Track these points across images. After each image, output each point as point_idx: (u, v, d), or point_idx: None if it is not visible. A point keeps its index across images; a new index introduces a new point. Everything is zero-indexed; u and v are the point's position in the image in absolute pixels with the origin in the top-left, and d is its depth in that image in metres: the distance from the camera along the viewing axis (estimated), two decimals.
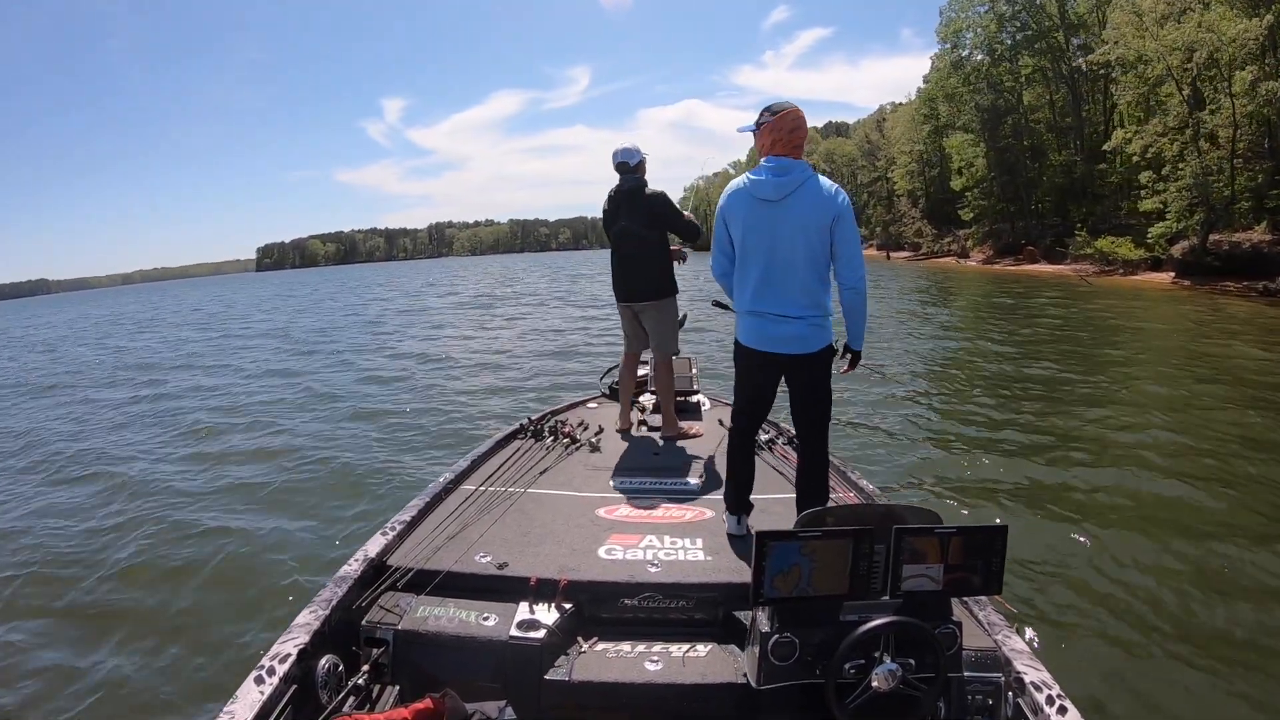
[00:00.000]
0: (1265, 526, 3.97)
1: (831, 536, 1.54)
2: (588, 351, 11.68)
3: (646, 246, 3.51)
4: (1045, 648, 2.81)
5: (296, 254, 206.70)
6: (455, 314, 21.50)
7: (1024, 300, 18.08)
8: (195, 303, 42.16)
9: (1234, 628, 3.01)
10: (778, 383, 2.42)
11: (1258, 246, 19.02)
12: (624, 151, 3.49)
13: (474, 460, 3.11)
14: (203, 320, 26.43)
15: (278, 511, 4.78)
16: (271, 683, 1.55)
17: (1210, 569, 3.50)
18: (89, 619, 3.52)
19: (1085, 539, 3.84)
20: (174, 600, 3.63)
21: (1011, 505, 4.41)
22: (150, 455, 6.70)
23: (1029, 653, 1.72)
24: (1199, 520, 4.07)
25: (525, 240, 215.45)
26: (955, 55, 37.49)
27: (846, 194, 2.28)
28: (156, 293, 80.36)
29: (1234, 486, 4.56)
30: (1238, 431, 5.78)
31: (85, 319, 35.41)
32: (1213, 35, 19.69)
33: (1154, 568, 3.52)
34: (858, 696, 1.53)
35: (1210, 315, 13.98)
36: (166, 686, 2.90)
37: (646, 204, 3.46)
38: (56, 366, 15.31)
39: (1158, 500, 4.38)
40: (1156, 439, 5.63)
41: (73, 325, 30.98)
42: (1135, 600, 3.25)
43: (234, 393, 9.83)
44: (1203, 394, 7.20)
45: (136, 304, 49.15)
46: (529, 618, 1.89)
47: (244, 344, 16.51)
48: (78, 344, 20.87)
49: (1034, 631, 2.92)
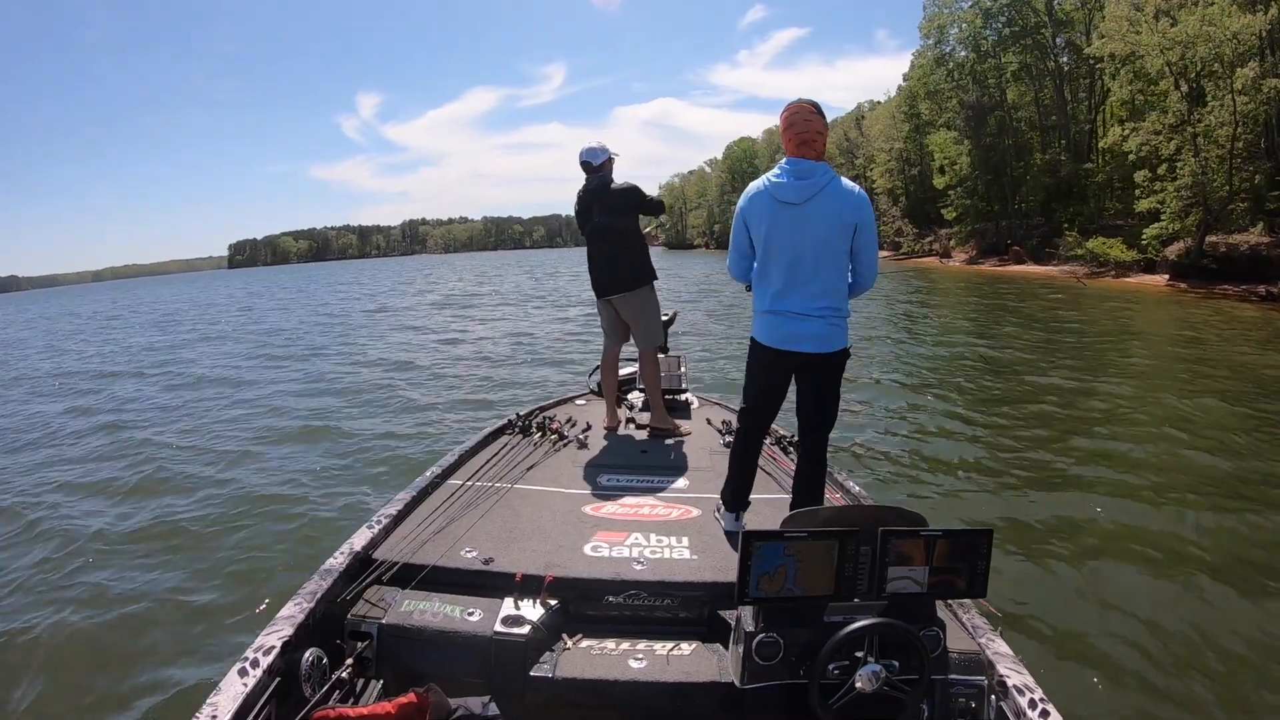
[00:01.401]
0: (1255, 533, 3.99)
1: (817, 537, 1.54)
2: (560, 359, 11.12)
3: (622, 237, 3.53)
4: (1029, 651, 2.79)
5: (268, 251, 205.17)
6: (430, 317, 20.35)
7: (1016, 303, 17.56)
8: (161, 302, 40.39)
9: (1218, 633, 3.03)
10: (788, 383, 2.40)
11: (1255, 249, 18.56)
12: (588, 151, 3.52)
13: (461, 455, 3.09)
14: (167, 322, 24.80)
15: (262, 504, 4.76)
16: (255, 675, 1.53)
17: (1197, 575, 3.53)
18: (70, 614, 3.45)
19: (1071, 544, 3.90)
20: (155, 592, 3.61)
21: (998, 508, 4.45)
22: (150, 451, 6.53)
23: (1012, 656, 1.73)
24: (1187, 527, 4.10)
25: (499, 238, 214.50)
26: (938, 51, 36.78)
27: (868, 196, 2.30)
28: (125, 291, 78.28)
29: (1235, 495, 4.58)
30: (1249, 442, 5.66)
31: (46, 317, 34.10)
32: (1214, 30, 19.02)
33: (1139, 573, 3.58)
34: (841, 697, 1.53)
35: (1219, 320, 13.59)
36: (147, 678, 2.88)
37: (617, 196, 3.51)
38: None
39: (1148, 508, 4.41)
40: (1154, 448, 5.58)
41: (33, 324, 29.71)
42: (1119, 605, 3.28)
43: (211, 398, 9.36)
44: (1212, 403, 6.95)
45: (100, 303, 46.98)
46: (514, 613, 1.87)
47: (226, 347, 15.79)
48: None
49: (1018, 635, 2.93)
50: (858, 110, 59.66)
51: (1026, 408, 7.02)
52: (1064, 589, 3.43)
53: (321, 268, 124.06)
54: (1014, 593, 3.31)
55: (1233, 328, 12.44)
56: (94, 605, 3.51)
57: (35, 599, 3.63)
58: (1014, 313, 15.51)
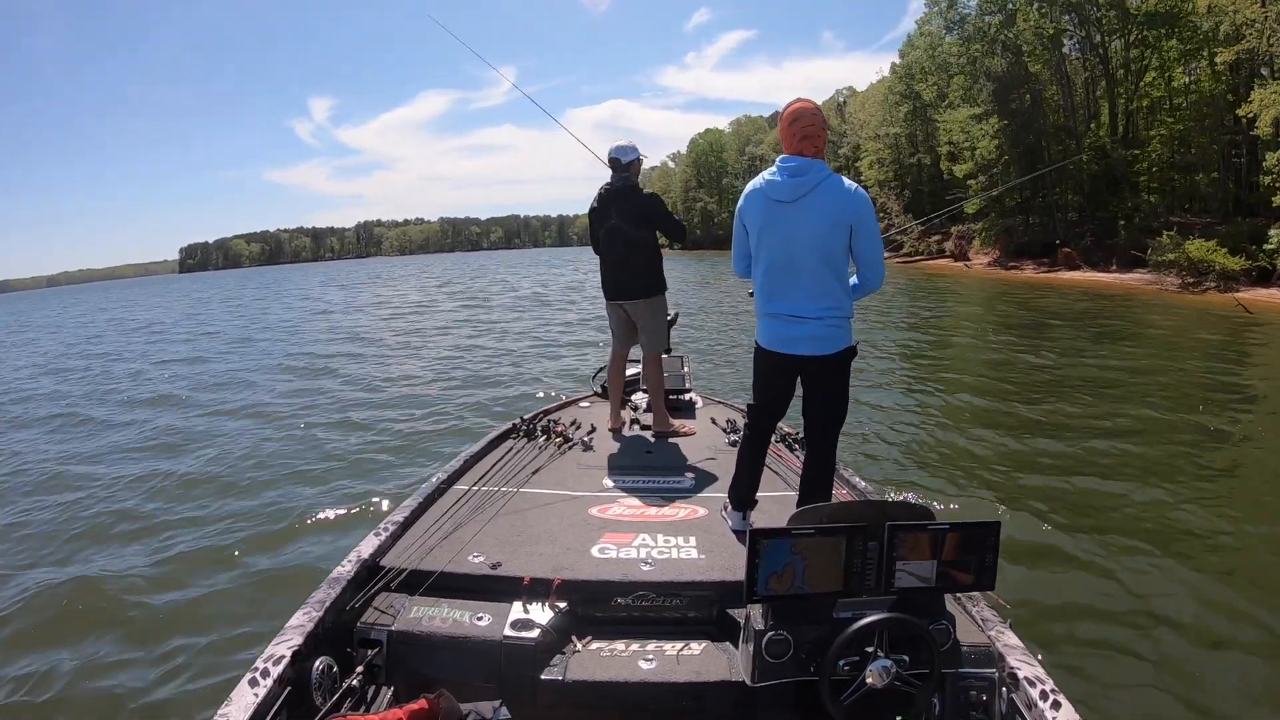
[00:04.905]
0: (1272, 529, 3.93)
1: (825, 534, 1.53)
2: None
3: (638, 245, 3.50)
4: (1039, 643, 2.70)
5: (220, 255, 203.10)
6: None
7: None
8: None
9: (1228, 624, 3.00)
10: (794, 385, 2.38)
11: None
12: (619, 149, 3.47)
13: (467, 460, 3.11)
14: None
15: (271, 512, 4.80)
16: (265, 685, 1.54)
17: (1208, 568, 3.50)
18: (79, 623, 3.48)
19: (1078, 535, 3.87)
20: (165, 603, 3.61)
21: (1005, 501, 4.41)
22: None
23: (1022, 648, 1.72)
24: (1199, 521, 4.04)
25: (456, 239, 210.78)
26: (952, 15, 30.94)
27: (867, 194, 2.24)
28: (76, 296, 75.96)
29: (1250, 494, 4.55)
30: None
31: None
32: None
33: (1149, 565, 3.54)
34: (852, 693, 1.52)
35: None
36: (158, 690, 2.89)
37: (640, 203, 3.48)
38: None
39: (1160, 501, 4.36)
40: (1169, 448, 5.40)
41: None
42: (1129, 596, 3.26)
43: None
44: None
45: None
46: (523, 617, 1.88)
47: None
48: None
49: (1027, 627, 2.79)
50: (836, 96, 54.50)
51: (1035, 398, 6.99)
52: (1074, 580, 3.41)
53: (273, 271, 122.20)
54: (1024, 584, 3.30)
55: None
56: (100, 619, 3.50)
57: (41, 609, 3.62)
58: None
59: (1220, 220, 20.65)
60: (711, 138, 75.05)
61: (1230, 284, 17.67)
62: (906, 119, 39.23)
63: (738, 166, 66.72)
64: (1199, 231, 19.46)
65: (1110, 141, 25.67)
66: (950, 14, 31.26)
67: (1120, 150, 24.81)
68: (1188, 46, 22.86)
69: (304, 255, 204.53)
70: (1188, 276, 18.68)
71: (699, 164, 74.34)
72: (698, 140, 76.67)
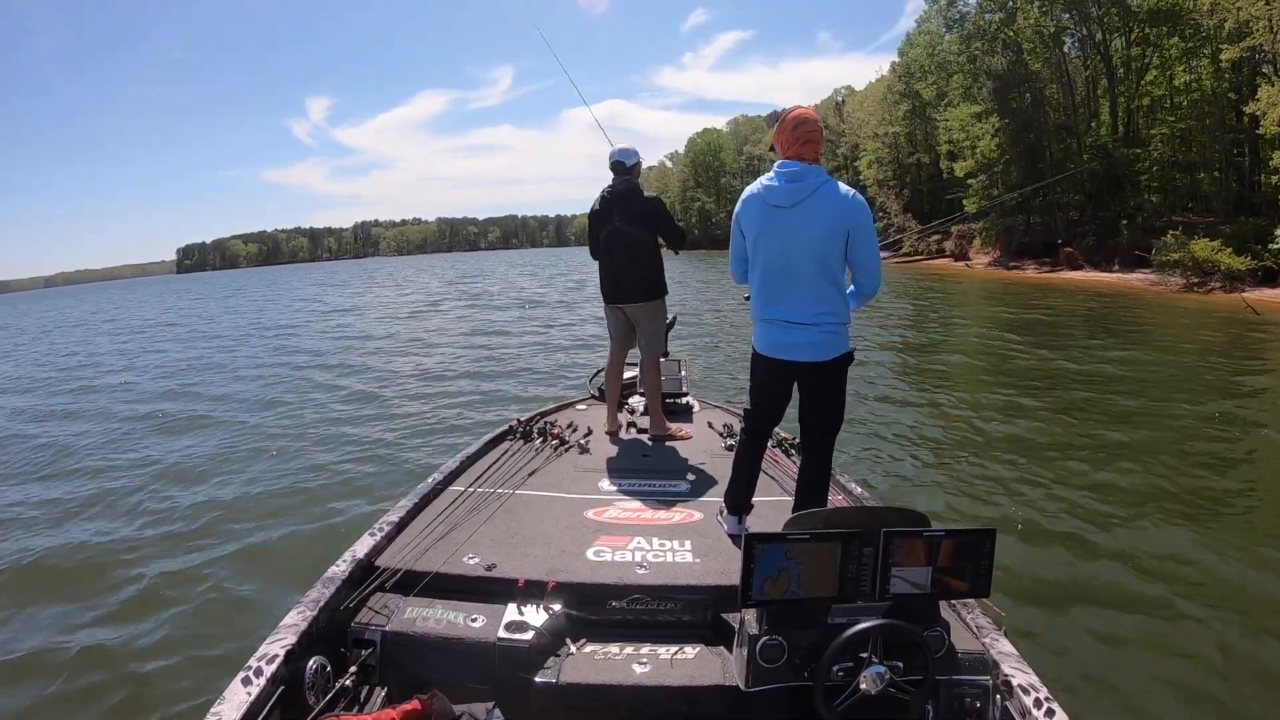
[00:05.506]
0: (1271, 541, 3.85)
1: (820, 539, 1.53)
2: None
3: (640, 248, 3.49)
4: (1033, 650, 2.63)
5: (217, 255, 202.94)
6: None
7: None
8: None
9: (1224, 633, 2.98)
10: (791, 390, 2.37)
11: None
12: (622, 151, 3.49)
13: (463, 461, 3.09)
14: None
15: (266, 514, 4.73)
16: (259, 684, 1.54)
17: (1204, 578, 3.46)
18: (71, 621, 3.47)
19: (1074, 543, 3.84)
20: (159, 602, 3.60)
21: (1002, 507, 4.37)
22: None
23: (1016, 655, 1.72)
24: (1202, 531, 3.97)
25: (454, 239, 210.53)
26: (952, 13, 30.79)
27: (864, 199, 2.24)
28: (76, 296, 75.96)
29: (1260, 506, 4.43)
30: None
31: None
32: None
33: (1147, 573, 3.50)
34: (846, 699, 1.52)
35: None
36: (151, 689, 2.89)
37: (643, 206, 3.47)
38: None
39: (1162, 509, 4.29)
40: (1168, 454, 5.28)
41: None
42: (1126, 604, 3.23)
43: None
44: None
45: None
46: (517, 619, 1.87)
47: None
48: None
49: (1022, 634, 2.80)
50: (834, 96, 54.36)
51: (1035, 403, 6.94)
52: (1069, 587, 3.40)
53: (271, 271, 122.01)
54: (1018, 592, 3.28)
55: None
56: (95, 617, 3.50)
57: (34, 611, 3.61)
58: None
59: (1223, 220, 20.59)
60: (710, 138, 74.98)
61: (1235, 284, 17.51)
62: (906, 118, 39.17)
63: (736, 166, 66.64)
64: (1202, 231, 19.34)
65: (1112, 140, 25.56)
66: (950, 12, 31.22)
67: (1122, 149, 24.71)
68: (1189, 44, 22.79)
69: (301, 255, 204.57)
70: (1192, 277, 18.52)
71: (697, 164, 74.25)
72: (696, 140, 76.50)
